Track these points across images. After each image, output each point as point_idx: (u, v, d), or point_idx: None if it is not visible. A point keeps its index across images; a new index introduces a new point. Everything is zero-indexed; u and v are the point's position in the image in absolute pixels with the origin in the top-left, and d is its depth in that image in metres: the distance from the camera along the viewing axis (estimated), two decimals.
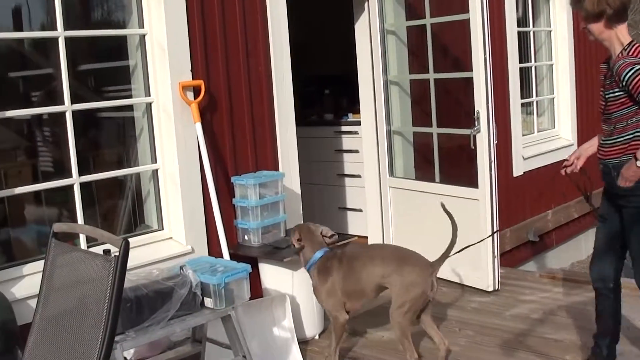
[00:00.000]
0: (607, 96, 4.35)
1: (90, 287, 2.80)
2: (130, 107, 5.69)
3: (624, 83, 4.16)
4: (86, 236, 5.10)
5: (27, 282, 4.71)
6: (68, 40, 5.05)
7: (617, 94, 4.27)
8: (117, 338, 3.89)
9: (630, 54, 4.23)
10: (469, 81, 6.40)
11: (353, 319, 5.34)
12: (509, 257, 8.13)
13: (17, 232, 5.31)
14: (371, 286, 4.92)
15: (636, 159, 4.10)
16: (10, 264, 4.88)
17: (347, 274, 4.90)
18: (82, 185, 5.19)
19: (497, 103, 6.59)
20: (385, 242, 5.25)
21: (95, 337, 2.69)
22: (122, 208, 5.73)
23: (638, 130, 4.27)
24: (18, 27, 5.21)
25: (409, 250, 5.07)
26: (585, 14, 4.32)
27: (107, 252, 2.88)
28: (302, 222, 6.27)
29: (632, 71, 4.12)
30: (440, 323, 5.92)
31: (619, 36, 4.30)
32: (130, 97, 5.63)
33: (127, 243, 2.67)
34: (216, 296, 4.36)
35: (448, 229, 4.85)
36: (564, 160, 4.79)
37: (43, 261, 3.16)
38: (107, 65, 5.84)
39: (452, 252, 4.92)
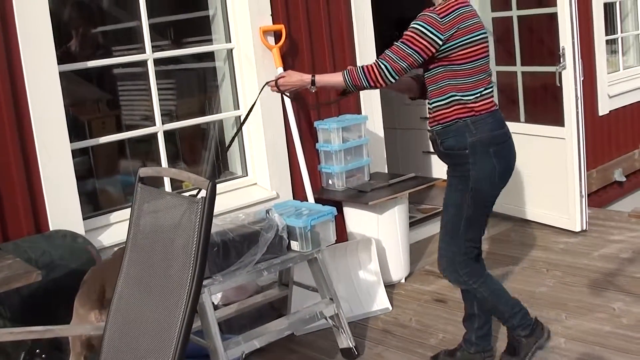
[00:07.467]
0: None
1: (178, 229, 2.81)
2: (211, 57, 5.71)
3: None
4: (171, 185, 5.15)
5: (114, 230, 4.81)
6: None
7: None
8: (204, 282, 3.94)
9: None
10: (553, 17, 6.25)
11: None
12: (596, 198, 8.01)
13: (102, 182, 5.41)
14: None
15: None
16: (97, 213, 4.97)
17: None
18: (166, 136, 5.24)
19: (581, 40, 6.44)
20: None
21: (184, 279, 2.69)
22: (206, 156, 5.77)
23: None
24: None
25: None
26: None
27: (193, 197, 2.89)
28: (386, 166, 6.23)
29: None
30: (528, 265, 5.92)
31: None
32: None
33: (214, 184, 2.66)
34: (302, 239, 4.37)
35: (535, 168, 4.74)
36: None
37: (129, 209, 3.16)
38: (188, 17, 5.85)
39: None
